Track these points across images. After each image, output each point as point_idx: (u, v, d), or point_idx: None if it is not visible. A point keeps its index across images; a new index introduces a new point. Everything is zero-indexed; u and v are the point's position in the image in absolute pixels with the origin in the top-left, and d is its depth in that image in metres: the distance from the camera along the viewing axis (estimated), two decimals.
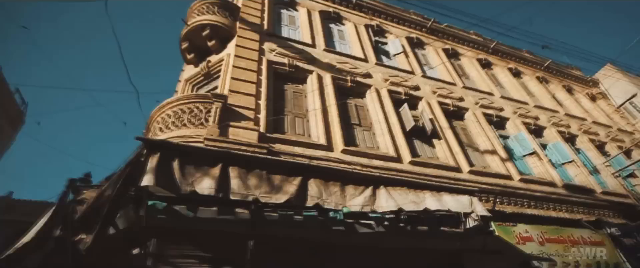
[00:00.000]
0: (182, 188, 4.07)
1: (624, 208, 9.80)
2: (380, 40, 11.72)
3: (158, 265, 4.31)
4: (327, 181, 5.06)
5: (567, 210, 8.66)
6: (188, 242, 4.54)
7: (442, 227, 5.48)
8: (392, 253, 5.38)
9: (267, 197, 4.44)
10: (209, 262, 4.50)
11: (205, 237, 4.54)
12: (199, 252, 4.53)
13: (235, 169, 4.45)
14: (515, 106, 11.79)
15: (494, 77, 13.61)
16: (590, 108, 15.51)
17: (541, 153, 10.10)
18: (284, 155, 5.90)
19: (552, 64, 16.42)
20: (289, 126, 7.11)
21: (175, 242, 4.50)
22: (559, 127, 12.04)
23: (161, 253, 4.40)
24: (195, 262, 4.49)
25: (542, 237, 7.42)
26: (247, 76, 7.06)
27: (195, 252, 4.52)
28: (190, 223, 4.37)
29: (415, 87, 9.85)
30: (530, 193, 8.25)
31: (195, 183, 4.15)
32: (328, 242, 5.02)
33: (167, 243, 4.49)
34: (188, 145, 4.76)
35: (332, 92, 8.02)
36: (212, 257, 4.52)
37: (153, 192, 4.24)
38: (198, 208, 4.30)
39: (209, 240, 4.55)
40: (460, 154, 8.36)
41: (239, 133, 5.90)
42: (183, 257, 4.46)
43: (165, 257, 4.40)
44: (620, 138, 13.82)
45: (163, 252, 4.42)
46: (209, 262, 4.49)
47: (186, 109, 6.04)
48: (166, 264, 4.37)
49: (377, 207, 5.06)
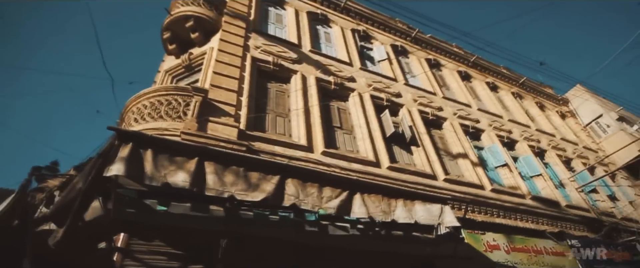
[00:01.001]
0: (154, 181, 3.92)
1: (585, 221, 10.34)
2: (365, 46, 11.85)
3: (125, 260, 4.15)
4: (305, 182, 5.03)
5: (533, 221, 9.03)
6: (158, 238, 4.40)
7: (415, 232, 5.58)
8: (366, 256, 5.42)
9: (244, 195, 4.35)
10: (179, 259, 4.38)
11: (177, 234, 4.41)
12: (169, 248, 4.40)
13: (212, 164, 4.34)
14: (490, 119, 12.21)
15: (472, 89, 14.05)
16: (560, 125, 16.29)
17: (512, 166, 10.50)
18: (263, 154, 5.84)
19: (527, 81, 17.14)
20: (270, 125, 7.04)
21: (144, 237, 4.36)
22: (530, 142, 12.57)
23: (129, 249, 4.25)
24: (165, 259, 4.36)
25: (508, 246, 7.70)
26: (230, 71, 6.94)
27: (165, 249, 4.39)
28: (161, 218, 4.23)
29: (397, 94, 10.01)
30: (500, 204, 8.54)
31: (168, 176, 4.02)
32: (303, 242, 4.99)
33: (135, 238, 4.33)
34: (163, 138, 4.61)
35: (316, 93, 8.02)
36: (182, 255, 4.41)
37: (122, 184, 4.08)
38: (170, 203, 4.17)
39: (181, 237, 4.44)
40: (436, 162, 8.55)
41: (218, 129, 5.78)
42: (152, 253, 4.32)
43: (133, 253, 4.25)
44: (585, 155, 14.59)
45: (131, 247, 4.26)
46: (179, 259, 4.38)
47: (164, 101, 5.86)
48: (134, 260, 4.22)
49: (351, 213, 5.09)
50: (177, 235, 4.42)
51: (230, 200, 4.28)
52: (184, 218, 4.24)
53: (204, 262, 4.42)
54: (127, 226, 4.27)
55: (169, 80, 7.74)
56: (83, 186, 3.83)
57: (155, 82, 7.71)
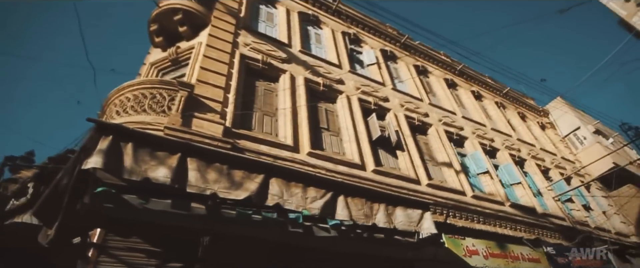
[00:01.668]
0: (134, 175, 3.82)
1: (560, 229, 10.68)
2: (355, 49, 11.91)
3: (100, 256, 4.02)
4: (289, 182, 5.01)
5: (511, 228, 9.26)
6: (136, 234, 4.28)
7: (397, 236, 5.63)
8: (348, 258, 5.43)
9: (226, 193, 4.30)
10: (158, 257, 4.26)
11: (156, 230, 4.30)
12: (147, 245, 4.28)
13: (195, 161, 4.27)
14: (474, 127, 12.47)
15: (458, 97, 14.32)
16: (540, 135, 16.79)
17: (493, 173, 10.74)
18: (249, 153, 5.77)
19: (510, 91, 17.61)
20: (257, 123, 6.97)
21: (121, 233, 4.23)
22: (511, 151, 12.90)
23: (105, 245, 4.11)
24: (143, 256, 4.24)
25: (487, 252, 7.86)
26: (218, 67, 6.85)
27: (143, 246, 4.27)
28: (140, 214, 4.13)
29: (384, 99, 10.10)
30: (480, 210, 8.72)
31: (148, 171, 3.92)
32: (286, 243, 4.96)
33: (112, 234, 4.20)
34: (145, 132, 4.50)
35: (304, 93, 8.00)
36: (161, 252, 4.30)
37: (100, 178, 3.95)
38: (150, 199, 4.07)
39: (160, 234, 4.33)
40: (420, 167, 8.66)
41: (203, 125, 5.69)
42: (129, 249, 4.19)
43: (109, 249, 4.12)
44: (563, 165, 15.08)
45: (107, 243, 4.13)
46: (157, 257, 4.26)
47: (148, 94, 5.72)
48: (109, 256, 4.09)
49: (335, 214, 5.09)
50: (156, 232, 4.32)
51: (212, 198, 4.22)
52: (164, 214, 4.15)
53: (183, 260, 4.33)
54: (104, 221, 4.14)
55: (155, 74, 7.56)
56: (69, 182, 3.70)
57: (139, 75, 7.51)
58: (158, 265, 4.27)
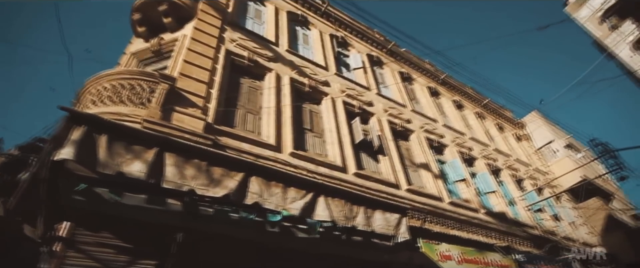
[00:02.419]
0: (107, 168, 3.67)
1: (531, 238, 11.06)
2: (342, 52, 11.97)
3: (67, 251, 3.83)
4: (269, 181, 4.96)
5: (484, 235, 9.51)
6: (107, 229, 4.12)
7: (375, 239, 5.67)
8: (327, 259, 5.41)
9: (204, 190, 4.20)
10: (129, 253, 4.11)
11: (129, 226, 4.15)
12: (118, 241, 4.12)
13: (172, 156, 4.15)
14: (454, 135, 12.77)
15: (440, 105, 14.63)
16: (515, 147, 17.38)
17: (470, 181, 11.02)
18: (230, 150, 5.67)
19: (489, 102, 18.15)
20: (240, 121, 6.87)
21: (91, 228, 4.06)
22: (487, 160, 13.28)
23: (73, 239, 3.93)
24: (112, 252, 4.07)
25: (460, 257, 8.04)
26: (202, 62, 6.70)
27: (114, 241, 4.11)
28: (112, 209, 3.97)
29: (369, 103, 10.18)
30: (456, 216, 8.91)
31: (123, 164, 3.78)
32: (264, 243, 4.89)
33: (82, 228, 4.02)
34: (122, 123, 4.34)
35: (289, 93, 7.96)
36: (132, 249, 4.14)
37: (71, 169, 3.78)
38: (124, 193, 3.92)
39: (132, 230, 4.17)
40: (401, 172, 8.77)
41: (183, 119, 5.54)
42: (99, 245, 4.02)
43: (77, 243, 3.94)
44: (535, 176, 15.65)
45: (75, 237, 3.95)
46: (128, 253, 4.10)
47: (127, 85, 5.52)
48: (77, 251, 3.91)
49: (315, 214, 5.08)
50: (128, 227, 4.16)
51: (189, 195, 4.12)
52: (138, 210, 4.01)
53: (156, 257, 4.18)
54: (73, 214, 3.96)
55: (135, 64, 7.32)
56: (46, 175, 3.52)
57: (119, 64, 7.25)
58: (129, 261, 4.12)
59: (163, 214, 4.15)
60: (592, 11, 18.42)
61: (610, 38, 17.70)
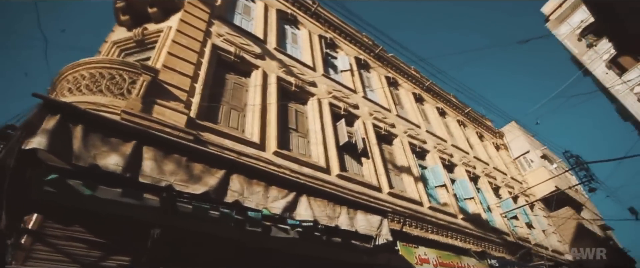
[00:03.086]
0: (81, 160, 3.51)
1: (505, 244, 11.39)
2: (330, 54, 11.98)
3: (35, 244, 3.64)
4: (251, 179, 4.88)
5: (461, 240, 9.72)
6: (79, 223, 3.94)
7: (355, 241, 5.68)
8: (307, 260, 5.38)
9: (183, 186, 4.08)
10: (101, 248, 3.94)
11: (102, 221, 3.99)
12: (90, 235, 3.95)
13: (151, 150, 4.01)
14: (436, 141, 13.00)
15: (423, 111, 14.88)
16: (494, 155, 17.88)
17: (450, 187, 11.24)
18: (212, 146, 5.55)
19: (471, 111, 18.61)
20: (223, 117, 6.75)
21: (62, 221, 3.87)
22: (467, 167, 13.59)
23: (42, 232, 3.74)
24: (84, 247, 3.90)
25: (437, 261, 8.17)
26: (187, 55, 6.54)
27: (85, 236, 3.93)
28: (85, 202, 3.81)
29: (354, 106, 10.23)
30: (435, 221, 9.06)
31: (98, 157, 3.63)
32: (243, 242, 4.81)
33: (51, 221, 3.83)
34: (99, 114, 4.17)
35: (275, 92, 7.88)
36: (106, 244, 3.98)
37: (43, 159, 3.60)
38: (98, 186, 3.77)
39: (106, 225, 4.01)
40: (383, 175, 8.85)
41: (165, 113, 5.39)
42: (69, 239, 3.84)
43: (47, 237, 3.75)
44: (512, 185, 16.15)
45: (45, 230, 3.76)
46: (100, 248, 3.94)
47: (106, 74, 5.32)
48: (46, 245, 3.72)
49: (296, 214, 5.04)
50: (102, 222, 4.00)
51: (167, 190, 3.99)
52: (113, 204, 3.87)
53: (130, 253, 4.03)
54: (44, 207, 3.77)
55: (116, 53, 7.07)
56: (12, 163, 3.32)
57: (99, 53, 6.99)
58: (101, 257, 3.96)
59: (139, 209, 4.01)
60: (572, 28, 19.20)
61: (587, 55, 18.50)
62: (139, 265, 4.02)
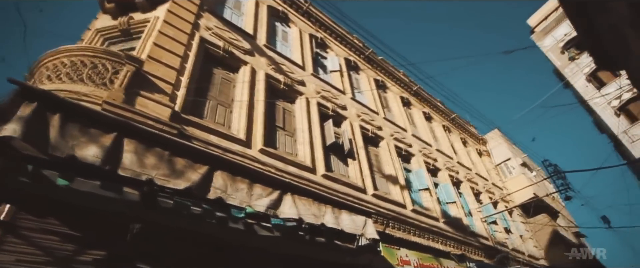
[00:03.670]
0: (58, 151, 3.38)
1: (483, 248, 11.64)
2: (320, 54, 11.97)
3: (6, 236, 3.48)
4: (235, 176, 4.82)
5: (442, 243, 9.87)
6: (54, 216, 3.79)
7: (338, 241, 5.69)
8: (289, 260, 5.33)
9: (165, 180, 3.99)
10: (77, 242, 3.80)
11: (79, 214, 3.85)
12: (65, 228, 3.80)
13: (132, 143, 3.91)
14: (421, 146, 13.17)
15: (410, 115, 15.05)
16: (477, 161, 18.25)
17: (433, 191, 11.41)
18: (196, 141, 5.44)
19: (456, 117, 18.95)
20: (209, 112, 6.64)
21: (36, 213, 3.71)
22: (450, 172, 13.83)
23: (14, 224, 3.58)
24: (58, 240, 3.75)
25: (418, 263, 8.27)
26: (173, 47, 6.40)
27: (60, 228, 3.79)
28: (61, 194, 3.67)
29: (343, 107, 10.24)
30: (417, 223, 9.17)
31: (76, 148, 3.50)
32: (225, 240, 4.73)
33: (24, 212, 3.67)
34: (78, 103, 4.03)
35: (263, 89, 7.81)
36: (81, 237, 3.84)
37: (17, 148, 3.44)
38: (75, 178, 3.63)
39: (82, 218, 3.87)
40: (368, 177, 8.89)
41: (148, 105, 5.25)
42: (43, 231, 3.69)
43: (19, 229, 3.59)
44: (492, 191, 16.52)
45: (17, 222, 3.60)
46: (76, 242, 3.80)
47: (88, 63, 5.14)
48: (18, 237, 3.57)
49: (280, 213, 5.01)
50: (78, 215, 3.86)
51: (148, 184, 3.89)
52: (90, 197, 3.73)
53: (106, 248, 3.90)
54: (17, 197, 3.61)
55: (100, 42, 6.85)
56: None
57: (82, 41, 6.76)
58: (76, 251, 3.82)
59: (118, 203, 3.89)
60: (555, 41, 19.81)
61: (568, 68, 19.12)
62: (117, 260, 3.90)
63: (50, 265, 3.55)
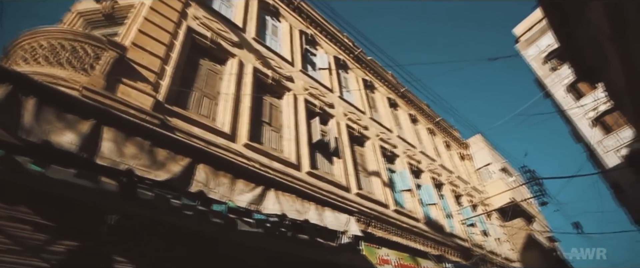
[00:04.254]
0: (32, 135, 3.24)
1: (461, 249, 11.90)
2: (310, 50, 11.92)
3: None
4: (218, 170, 4.74)
5: (422, 243, 10.03)
6: (25, 203, 3.62)
7: (320, 239, 5.68)
8: (270, 256, 5.29)
9: (145, 171, 3.88)
10: (48, 232, 3.64)
11: (52, 202, 3.69)
12: (37, 217, 3.64)
13: (112, 131, 3.78)
14: (406, 147, 13.33)
15: (396, 117, 15.20)
16: (459, 165, 18.63)
17: (415, 192, 11.57)
18: (179, 133, 5.32)
19: (441, 121, 19.27)
20: (194, 104, 6.50)
21: (6, 200, 3.53)
22: (433, 174, 14.06)
23: None
24: (29, 229, 3.59)
25: (397, 262, 8.38)
26: (159, 35, 6.23)
27: (32, 217, 3.62)
28: (34, 181, 3.50)
29: (330, 105, 10.24)
30: (399, 223, 9.28)
31: (51, 133, 3.36)
32: (206, 233, 4.64)
33: None
34: (55, 88, 3.86)
35: (251, 83, 7.71)
36: (54, 227, 3.68)
37: None
38: (49, 165, 3.48)
39: (56, 207, 3.71)
40: (353, 176, 8.93)
41: (130, 93, 5.09)
42: (13, 219, 3.52)
43: None
44: (472, 194, 16.91)
45: None
46: (47, 231, 3.64)
47: (68, 46, 4.94)
48: None
49: (262, 208, 4.96)
50: (51, 203, 3.70)
51: (127, 175, 3.77)
52: (64, 185, 3.59)
53: (80, 239, 3.76)
54: None
55: (81, 25, 6.60)
56: None
57: (62, 23, 6.50)
58: (47, 240, 3.66)
59: (94, 193, 3.75)
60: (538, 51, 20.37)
61: (549, 78, 19.71)
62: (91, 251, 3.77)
63: (19, 254, 3.40)
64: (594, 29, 5.24)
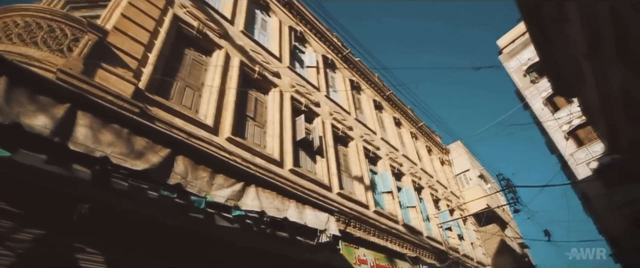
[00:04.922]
0: (1, 116, 3.06)
1: (437, 252, 12.14)
2: (299, 47, 11.86)
3: None
4: (198, 163, 4.64)
5: (399, 245, 10.17)
6: None
7: (299, 237, 5.66)
8: (249, 253, 5.22)
9: (122, 160, 3.74)
10: (14, 219, 3.45)
11: (20, 189, 3.49)
12: (3, 203, 3.44)
13: (87, 116, 3.62)
14: (389, 149, 13.48)
15: (381, 119, 15.35)
16: (439, 169, 19.00)
17: (395, 194, 11.71)
18: (159, 123, 5.16)
19: (424, 126, 19.61)
20: (177, 94, 6.33)
21: None
22: (413, 177, 14.28)
23: None
24: None
25: (374, 263, 8.46)
26: (143, 21, 6.03)
27: None
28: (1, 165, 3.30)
29: (316, 103, 10.21)
30: (378, 224, 9.37)
31: (22, 115, 3.19)
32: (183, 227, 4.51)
33: None
34: (28, 68, 3.67)
35: (237, 76, 7.58)
36: (21, 214, 3.49)
37: None
38: (19, 149, 3.30)
39: (24, 193, 3.52)
40: (335, 176, 8.94)
41: (110, 79, 4.90)
42: None
43: None
44: (450, 199, 17.29)
45: None
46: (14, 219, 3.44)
47: (45, 25, 4.70)
48: None
49: (241, 204, 4.89)
50: (19, 190, 3.50)
51: (102, 162, 3.62)
52: (34, 171, 3.40)
53: (48, 228, 3.58)
54: None
55: (61, 5, 6.31)
56: None
57: (40, 1, 6.19)
58: (13, 228, 3.46)
59: (66, 180, 3.58)
60: (520, 64, 21.04)
61: (529, 90, 20.39)
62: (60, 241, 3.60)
63: None
64: (573, 47, 5.45)
